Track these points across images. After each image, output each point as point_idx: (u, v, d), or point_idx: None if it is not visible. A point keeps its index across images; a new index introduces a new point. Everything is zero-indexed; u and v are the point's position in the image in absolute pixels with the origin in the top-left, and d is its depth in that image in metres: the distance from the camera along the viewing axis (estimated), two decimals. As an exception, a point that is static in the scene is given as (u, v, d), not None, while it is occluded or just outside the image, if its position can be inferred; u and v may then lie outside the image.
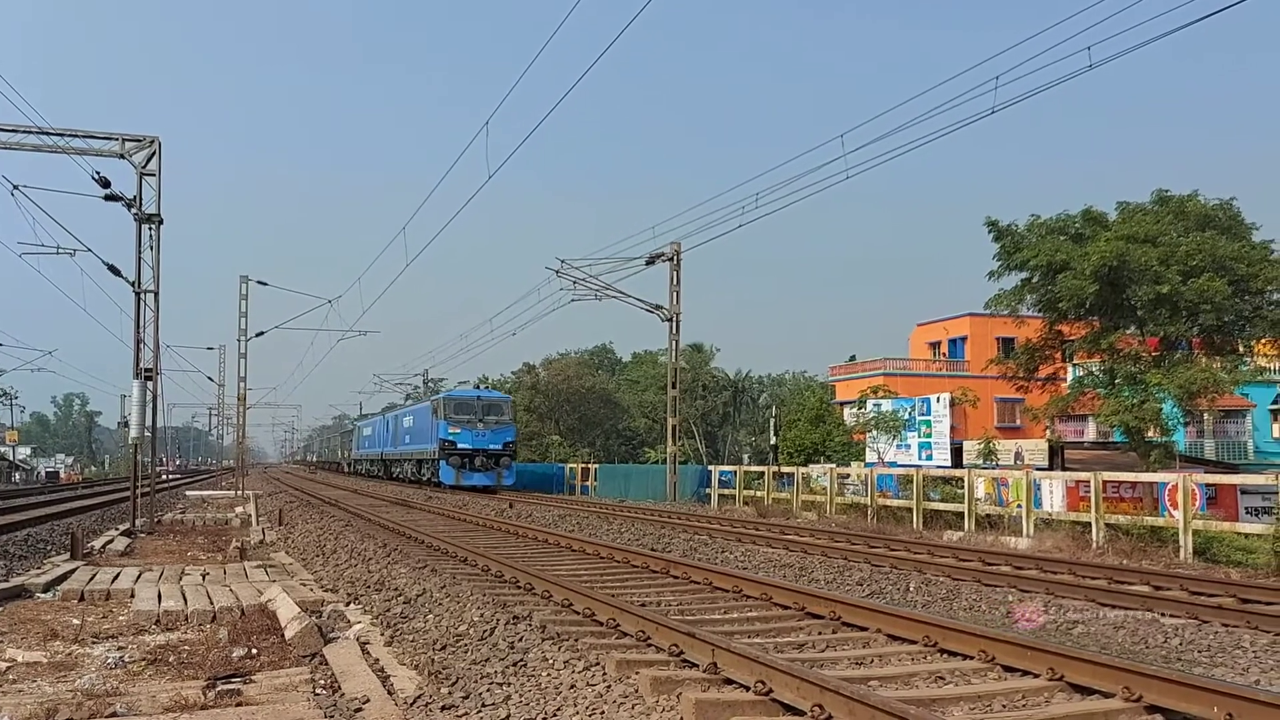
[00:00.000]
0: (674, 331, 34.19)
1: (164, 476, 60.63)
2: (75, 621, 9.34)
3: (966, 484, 21.71)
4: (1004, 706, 5.99)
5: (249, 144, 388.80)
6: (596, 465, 45.07)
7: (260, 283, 42.71)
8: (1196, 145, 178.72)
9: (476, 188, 25.87)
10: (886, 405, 42.71)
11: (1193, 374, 27.28)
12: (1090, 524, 17.79)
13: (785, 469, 32.23)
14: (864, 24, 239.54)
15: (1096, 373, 30.65)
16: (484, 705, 5.93)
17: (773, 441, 45.48)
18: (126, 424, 22.36)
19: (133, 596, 10.66)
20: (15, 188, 20.36)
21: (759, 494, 29.80)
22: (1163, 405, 28.44)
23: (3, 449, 77.13)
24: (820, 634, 8.21)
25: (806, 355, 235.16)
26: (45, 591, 11.17)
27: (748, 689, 5.98)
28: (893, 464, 37.56)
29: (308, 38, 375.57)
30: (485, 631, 7.98)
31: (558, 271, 33.85)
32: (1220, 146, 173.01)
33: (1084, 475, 19.90)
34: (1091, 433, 44.66)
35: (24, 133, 19.89)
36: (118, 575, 12.28)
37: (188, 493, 41.86)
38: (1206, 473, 27.98)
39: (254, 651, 7.75)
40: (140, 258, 20.68)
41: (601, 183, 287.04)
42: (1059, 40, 23.94)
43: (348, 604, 10.13)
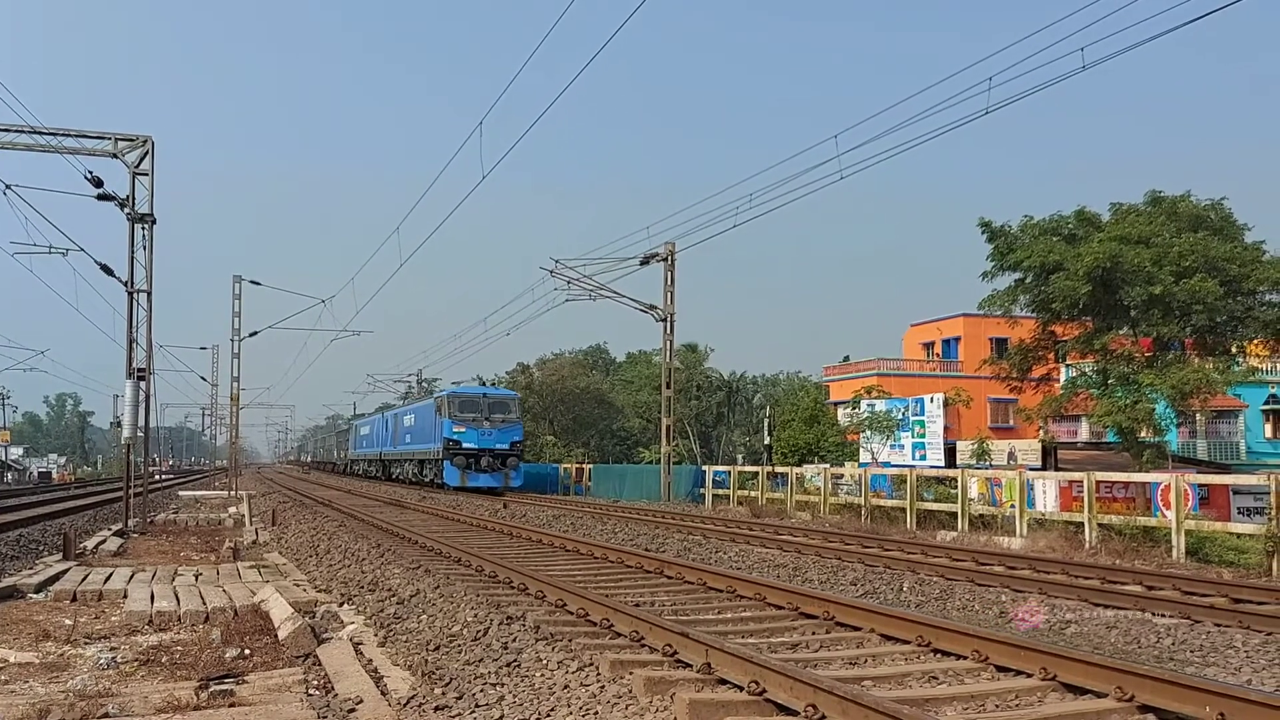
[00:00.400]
0: (668, 332, 34.20)
1: (157, 477, 60.50)
2: (68, 622, 9.31)
3: (960, 484, 21.75)
4: (997, 706, 6.00)
5: (242, 144, 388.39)
6: (591, 465, 45.07)
7: (253, 282, 42.70)
8: (1189, 146, 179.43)
9: (471, 188, 25.89)
10: (880, 405, 42.84)
11: (1185, 374, 27.36)
12: (1083, 524, 17.83)
13: (779, 469, 32.25)
14: (858, 25, 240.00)
15: (1089, 373, 30.72)
16: (477, 706, 5.93)
17: (767, 442, 45.58)
18: (119, 424, 22.31)
19: (125, 597, 10.63)
20: (7, 187, 20.28)
21: (753, 494, 29.80)
22: (1155, 406, 28.52)
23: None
24: (814, 634, 8.21)
25: (801, 355, 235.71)
26: (37, 592, 11.14)
27: (741, 689, 5.98)
28: (886, 464, 37.66)
29: (301, 37, 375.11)
30: (479, 632, 7.97)
31: (552, 271, 33.86)
32: (1212, 147, 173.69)
33: (1077, 475, 19.94)
34: (1084, 433, 44.81)
35: (16, 132, 19.84)
36: (110, 576, 12.25)
37: (181, 493, 41.78)
38: (1199, 473, 28.06)
39: (247, 652, 7.73)
40: (133, 257, 20.65)
41: (596, 183, 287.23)
42: (1053, 41, 24.04)
43: (341, 604, 10.11)
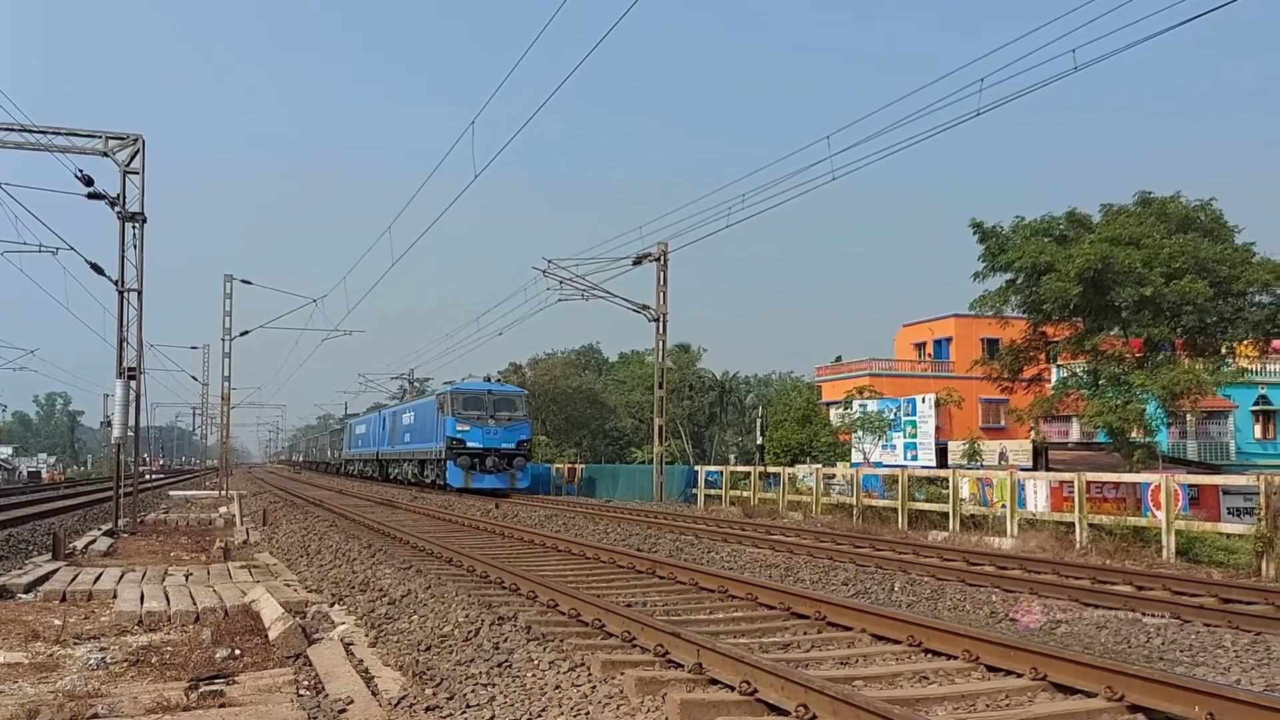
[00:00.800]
0: (661, 332, 34.21)
1: (147, 476, 60.30)
2: (57, 622, 9.28)
3: (951, 484, 21.80)
4: (987, 706, 6.02)
5: (233, 143, 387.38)
6: (583, 465, 45.04)
7: (245, 282, 42.61)
8: (1180, 146, 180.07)
9: (463, 187, 25.84)
10: (872, 406, 42.83)
11: (1175, 375, 27.47)
12: (1074, 524, 17.88)
13: (771, 469, 32.30)
14: (849, 27, 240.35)
15: (1080, 374, 30.83)
16: (468, 706, 5.92)
17: (759, 442, 45.48)
18: (109, 423, 22.21)
19: (115, 597, 10.60)
20: (-2, 186, 20.21)
21: (745, 494, 29.83)
22: (1146, 406, 28.62)
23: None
24: (805, 634, 8.22)
25: (793, 356, 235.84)
26: (27, 592, 11.10)
27: (733, 689, 5.99)
28: (878, 464, 37.67)
29: (292, 36, 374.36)
30: (470, 632, 7.96)
31: (544, 271, 33.85)
32: (1203, 147, 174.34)
33: (1068, 476, 20.00)
34: (1075, 433, 44.90)
35: (6, 130, 19.75)
36: (100, 575, 12.20)
37: (171, 493, 41.66)
38: (1189, 473, 28.17)
39: (237, 652, 7.71)
40: (123, 256, 20.57)
41: (588, 183, 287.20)
42: (1045, 42, 24.11)
43: (332, 605, 10.09)
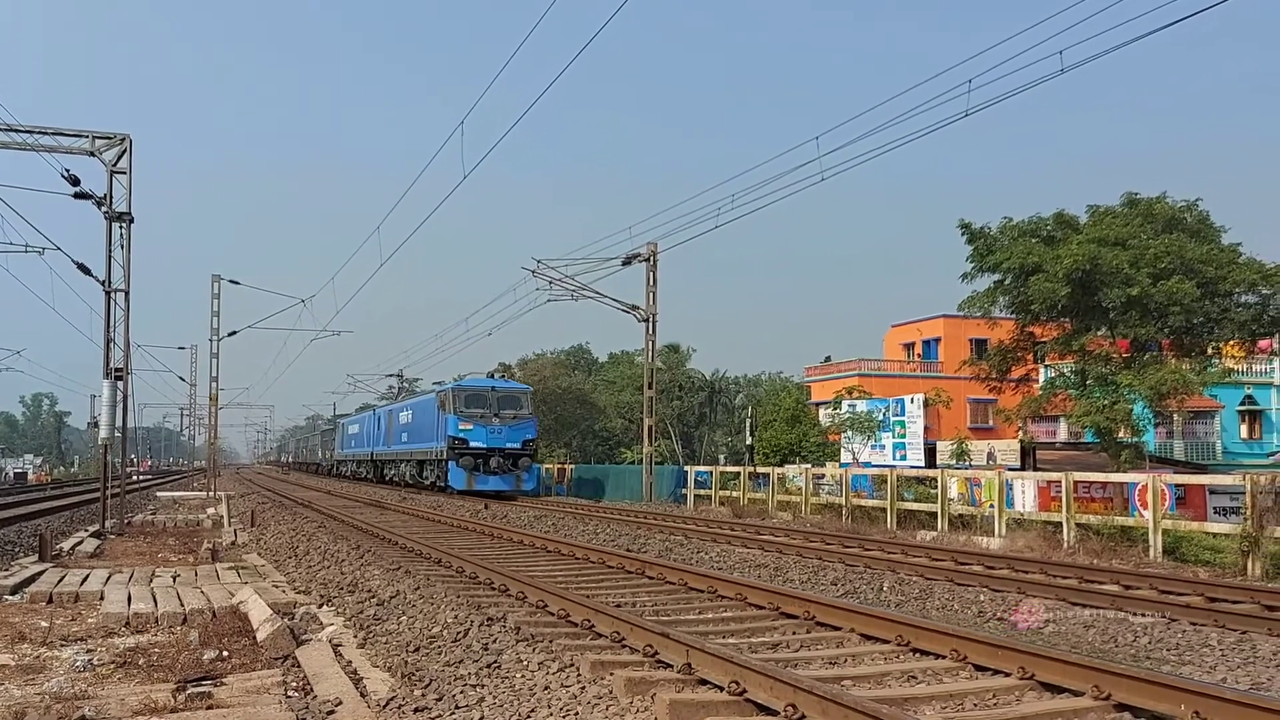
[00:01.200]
0: (650, 332, 34.18)
1: (134, 477, 60.02)
2: (43, 624, 9.23)
3: (940, 484, 21.86)
4: (975, 705, 6.04)
5: (222, 143, 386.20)
6: (573, 466, 45.00)
7: (233, 282, 42.45)
8: (1165, 147, 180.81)
9: (452, 187, 25.82)
10: (861, 406, 42.97)
11: (1162, 375, 27.60)
12: (1061, 524, 17.94)
13: (761, 469, 32.31)
14: (839, 28, 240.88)
15: (1068, 374, 30.95)
16: (457, 707, 5.91)
17: (749, 442, 45.61)
18: (96, 424, 22.12)
19: (102, 599, 10.55)
20: (-17, 185, 20.11)
21: (735, 494, 29.84)
22: (1133, 406, 28.75)
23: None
24: (795, 634, 8.24)
25: (783, 356, 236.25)
26: (13, 594, 11.03)
27: (722, 689, 5.99)
28: (867, 464, 37.78)
29: (280, 35, 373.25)
30: (459, 633, 7.95)
31: (534, 271, 33.75)
32: (1187, 148, 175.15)
33: (1055, 475, 20.07)
34: (1063, 433, 45.11)
35: (-8, 129, 19.64)
36: (87, 577, 12.15)
37: (159, 494, 41.48)
38: (1176, 473, 28.34)
39: (225, 654, 7.69)
40: (110, 256, 20.48)
41: (578, 184, 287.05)
42: (1032, 44, 24.17)
43: (320, 606, 10.06)
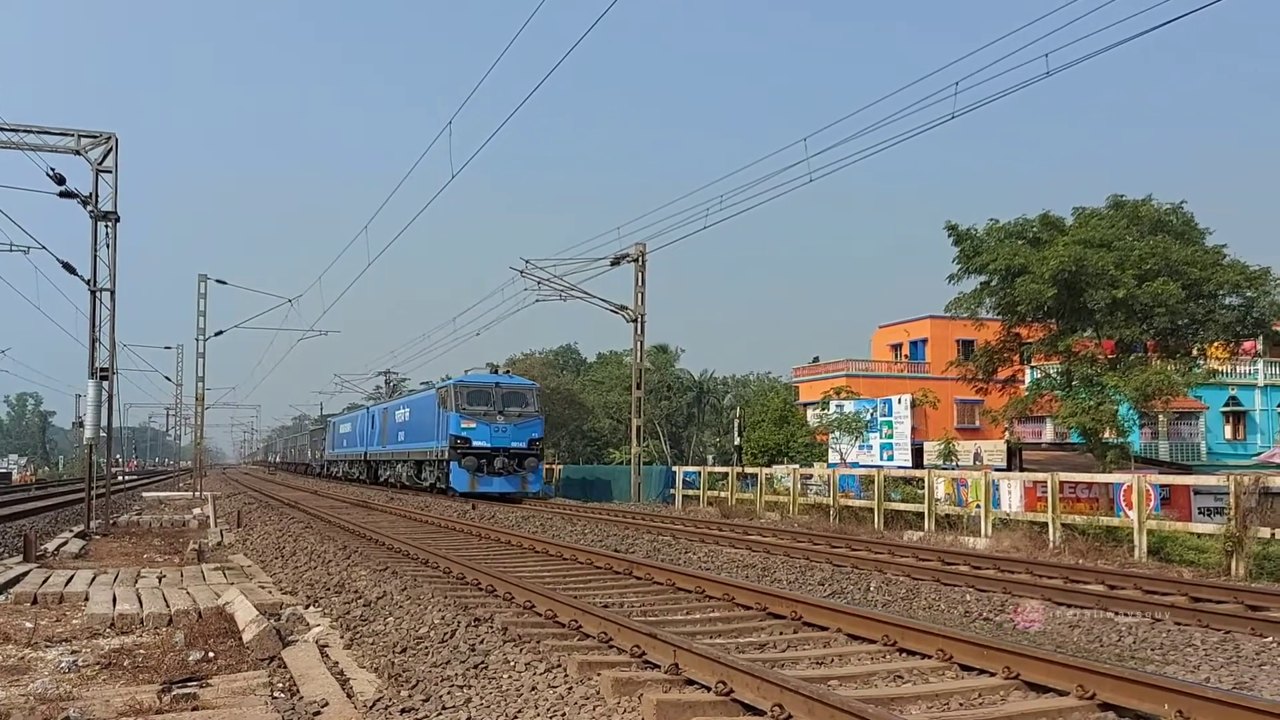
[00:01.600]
0: (639, 332, 34.20)
1: (120, 477, 59.71)
2: (28, 625, 9.18)
3: (927, 484, 21.94)
4: (961, 705, 6.06)
5: (208, 142, 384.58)
6: (561, 466, 44.97)
7: (219, 281, 42.20)
8: (1150, 150, 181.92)
9: (440, 187, 25.70)
10: (849, 406, 43.14)
11: (1148, 376, 27.77)
12: (1047, 524, 18.04)
13: (749, 470, 32.39)
14: (826, 30, 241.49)
15: (1054, 375, 31.11)
16: (444, 708, 5.91)
17: (737, 442, 45.65)
18: (81, 424, 21.99)
19: (87, 600, 10.49)
20: (-33, 184, 19.98)
21: (723, 495, 29.90)
22: (1118, 407, 28.92)
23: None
24: (782, 634, 8.25)
25: (771, 356, 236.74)
26: (-4, 595, 10.96)
27: (709, 689, 6.00)
28: (855, 464, 37.91)
29: (267, 35, 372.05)
30: (446, 634, 7.94)
31: (522, 271, 33.75)
32: (1172, 150, 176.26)
33: (1041, 476, 20.17)
34: (1049, 434, 45.33)
35: (-24, 127, 19.53)
36: (71, 578, 12.08)
37: (144, 494, 41.30)
38: (1161, 474, 28.50)
39: (211, 655, 7.66)
40: (96, 255, 20.38)
41: (567, 184, 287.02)
42: (1018, 47, 24.25)
43: (307, 607, 10.04)
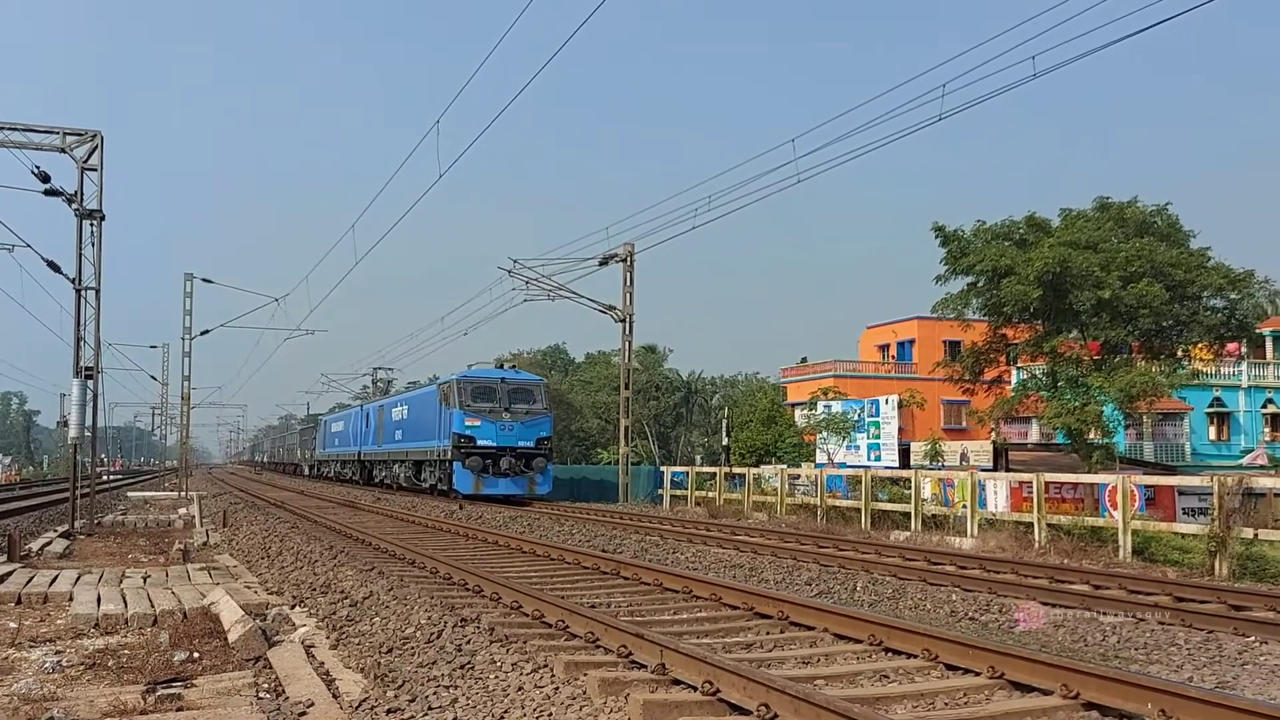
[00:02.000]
0: (627, 332, 34.20)
1: (105, 477, 59.36)
2: (11, 625, 9.13)
3: (913, 485, 22.00)
4: (946, 704, 6.09)
5: (195, 141, 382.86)
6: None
7: (205, 280, 41.98)
8: (1136, 151, 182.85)
9: (427, 186, 25.62)
10: (836, 407, 43.19)
11: (1132, 377, 27.93)
12: (1033, 524, 18.11)
13: (737, 470, 32.41)
14: (814, 31, 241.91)
15: (1040, 376, 31.25)
16: (430, 708, 5.90)
17: (725, 442, 45.66)
18: (66, 423, 21.87)
19: (71, 599, 10.44)
20: (-50, 181, 19.83)
21: (711, 495, 29.92)
22: (1103, 408, 29.08)
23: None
24: (768, 634, 8.27)
25: (759, 357, 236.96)
26: (-21, 595, 10.89)
27: (695, 689, 6.01)
28: (842, 465, 37.97)
29: (258, 36, 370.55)
30: (432, 634, 7.93)
31: (510, 271, 33.69)
32: (1158, 152, 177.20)
33: (1027, 476, 20.24)
34: (1035, 434, 45.52)
35: (-40, 125, 19.39)
36: (56, 578, 12.01)
37: (129, 494, 41.07)
38: (1145, 474, 28.67)
39: (196, 655, 7.63)
40: (81, 254, 20.26)
41: (555, 185, 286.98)
42: (1005, 49, 24.39)
43: (293, 607, 10.00)
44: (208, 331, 43.28)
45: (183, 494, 37.83)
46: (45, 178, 19.46)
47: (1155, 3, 12.88)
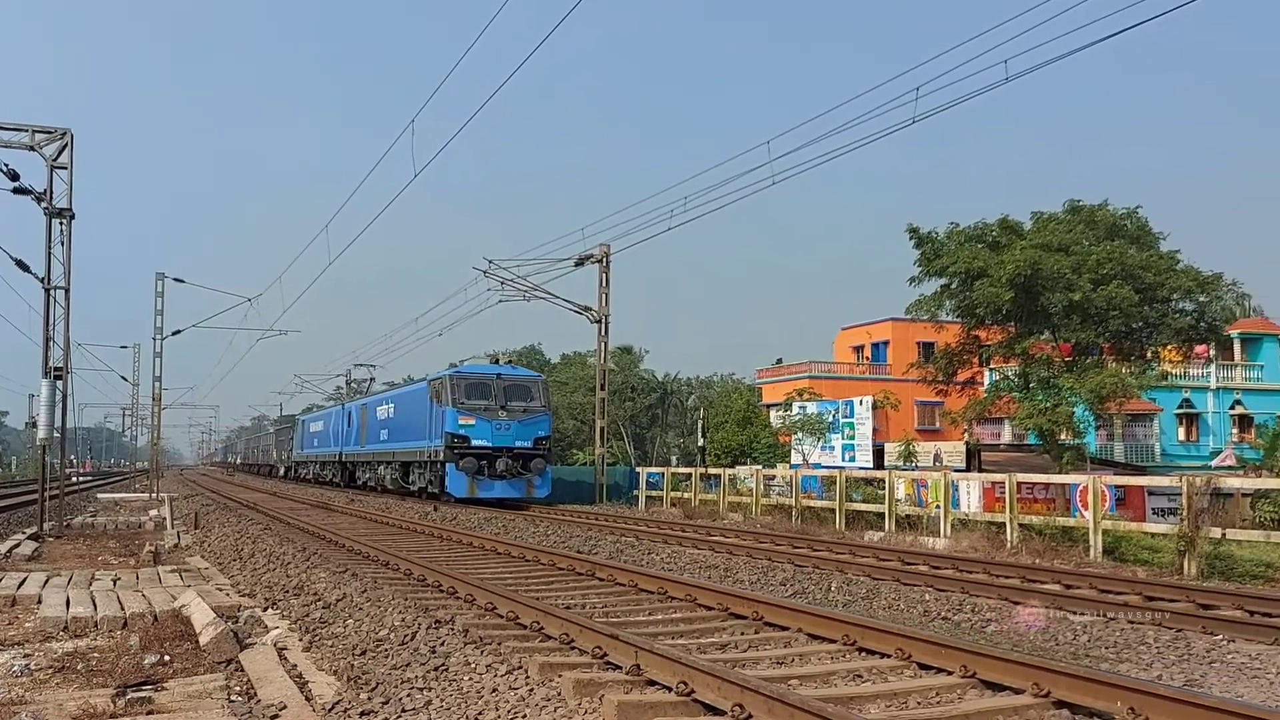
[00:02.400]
0: (603, 333, 34.18)
1: (74, 479, 58.64)
2: (-23, 630, 9.00)
3: (887, 485, 22.11)
4: (919, 704, 6.14)
5: (167, 140, 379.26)
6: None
7: (177, 280, 41.58)
8: (1107, 154, 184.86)
9: (402, 186, 25.52)
10: (811, 408, 43.34)
11: (1103, 379, 28.19)
12: (1005, 524, 18.25)
13: (713, 470, 32.44)
14: (791, 34, 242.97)
15: (1012, 377, 31.48)
16: (404, 710, 5.88)
17: (700, 443, 45.75)
18: (34, 424, 21.60)
19: (40, 602, 10.31)
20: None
21: (686, 495, 29.94)
22: (1075, 409, 29.34)
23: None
24: (743, 634, 8.30)
25: (735, 358, 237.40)
26: (-55, 599, 10.74)
27: (670, 690, 6.02)
28: (817, 465, 38.11)
29: (228, 35, 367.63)
30: (406, 636, 7.90)
31: (485, 272, 33.58)
32: (1128, 156, 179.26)
33: (999, 476, 20.40)
34: (1007, 435, 45.92)
35: (-75, 121, 19.13)
36: (24, 580, 11.86)
37: (99, 495, 40.59)
38: (1116, 474, 28.95)
39: (167, 658, 7.56)
40: (50, 253, 20.03)
41: (531, 185, 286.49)
42: (978, 53, 24.59)
43: (265, 609, 9.93)
44: (179, 332, 42.87)
45: (154, 495, 37.44)
46: (14, 175, 19.23)
47: (1125, 8, 13.03)
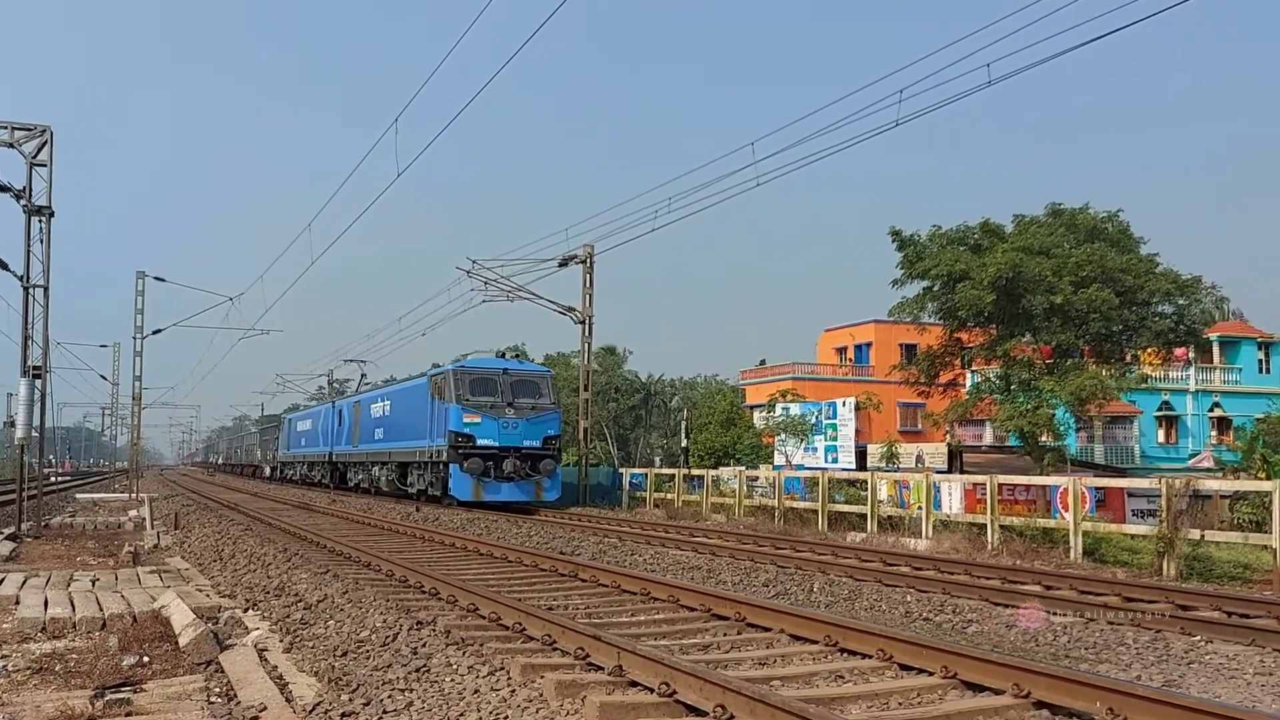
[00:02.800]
0: (587, 334, 34.12)
1: (53, 478, 58.15)
2: (-47, 631, 8.91)
3: (870, 486, 22.18)
4: (900, 704, 6.16)
5: (148, 138, 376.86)
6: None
7: (158, 279, 41.27)
8: (1090, 158, 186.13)
9: (386, 185, 25.51)
10: (795, 409, 43.45)
11: (1083, 381, 28.41)
12: (986, 526, 18.34)
13: (696, 472, 32.47)
14: (774, 36, 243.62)
15: (993, 379, 31.68)
16: (385, 712, 5.85)
17: (684, 444, 45.79)
18: (13, 424, 21.41)
19: (17, 603, 10.22)
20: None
21: (670, 496, 29.94)
22: (1055, 411, 29.55)
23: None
24: (725, 635, 8.31)
25: (718, 359, 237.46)
26: (-80, 600, 10.63)
27: (652, 691, 6.02)
28: (800, 467, 38.19)
29: (211, 34, 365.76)
30: (388, 637, 7.87)
31: (469, 272, 33.44)
32: (1108, 160, 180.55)
33: (981, 478, 20.49)
34: (989, 437, 46.18)
35: (-97, 117, 18.92)
36: (1, 581, 11.76)
37: (78, 495, 40.26)
38: (1096, 476, 29.17)
39: (146, 660, 7.50)
40: (29, 251, 19.86)
41: (515, 185, 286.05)
42: (961, 56, 24.72)
43: (246, 610, 9.87)
44: (160, 331, 42.60)
45: (133, 496, 37.17)
46: (-8, 173, 19.06)
47: (1108, 12, 13.13)
